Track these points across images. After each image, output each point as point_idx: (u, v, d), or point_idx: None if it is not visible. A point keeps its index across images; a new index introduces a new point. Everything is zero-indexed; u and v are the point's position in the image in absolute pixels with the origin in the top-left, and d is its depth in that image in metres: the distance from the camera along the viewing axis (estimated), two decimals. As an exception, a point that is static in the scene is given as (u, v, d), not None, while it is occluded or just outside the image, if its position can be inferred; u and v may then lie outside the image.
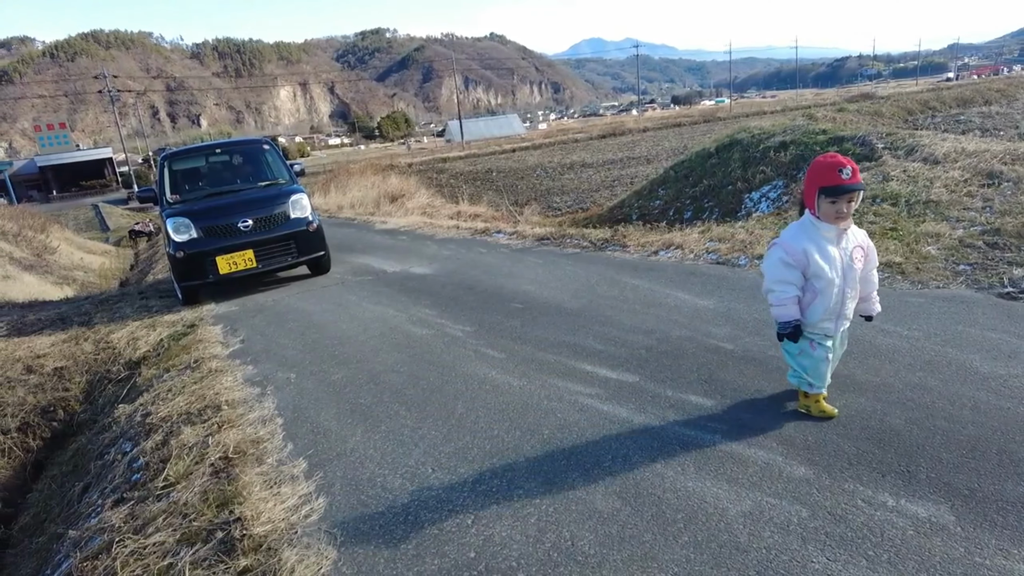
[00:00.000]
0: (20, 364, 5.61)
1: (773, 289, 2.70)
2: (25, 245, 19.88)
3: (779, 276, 2.67)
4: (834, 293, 2.63)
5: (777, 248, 2.70)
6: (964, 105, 25.26)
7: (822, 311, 2.67)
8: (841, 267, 2.62)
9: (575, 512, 2.37)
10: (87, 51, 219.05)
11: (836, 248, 2.63)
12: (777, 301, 2.69)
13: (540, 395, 3.42)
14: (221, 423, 3.54)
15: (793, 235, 2.68)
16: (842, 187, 2.50)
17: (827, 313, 2.67)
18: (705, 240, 6.37)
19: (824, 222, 2.60)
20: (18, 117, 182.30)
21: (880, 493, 2.25)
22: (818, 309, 2.67)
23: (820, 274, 2.61)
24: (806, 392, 2.83)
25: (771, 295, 2.72)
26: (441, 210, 15.29)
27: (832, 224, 2.59)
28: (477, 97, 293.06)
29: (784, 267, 2.65)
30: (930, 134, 9.36)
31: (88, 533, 2.87)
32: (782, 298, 2.67)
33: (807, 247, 2.61)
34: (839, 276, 2.62)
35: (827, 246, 2.62)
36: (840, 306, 2.67)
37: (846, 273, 2.63)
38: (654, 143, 39.38)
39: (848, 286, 2.65)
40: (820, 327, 2.71)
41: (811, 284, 2.65)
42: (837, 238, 2.62)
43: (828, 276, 2.60)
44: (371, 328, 5.11)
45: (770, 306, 2.75)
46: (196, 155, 8.37)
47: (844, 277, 2.63)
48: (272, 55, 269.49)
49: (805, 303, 2.69)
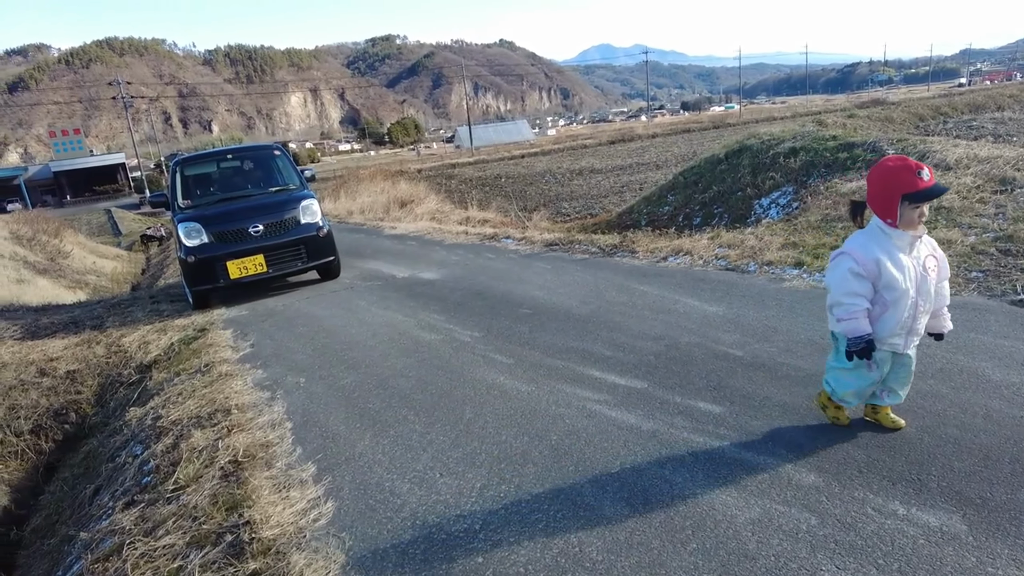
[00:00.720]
0: (34, 367, 5.67)
1: (842, 302, 2.49)
2: (39, 249, 20.12)
3: (848, 288, 2.47)
4: (907, 305, 2.46)
5: (845, 258, 2.50)
6: (977, 111, 25.10)
7: (893, 325, 2.49)
8: (915, 277, 2.44)
9: (583, 518, 2.37)
10: (102, 58, 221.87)
11: (908, 257, 2.45)
12: (847, 315, 2.49)
13: (548, 401, 3.42)
14: (231, 427, 3.56)
15: (862, 244, 2.49)
16: (930, 191, 2.35)
17: (898, 327, 2.49)
18: (714, 246, 6.35)
19: (898, 229, 2.41)
20: (34, 123, 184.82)
21: (891, 501, 2.23)
22: (888, 323, 2.49)
23: (893, 285, 2.43)
24: (829, 396, 2.73)
25: (839, 308, 2.51)
26: (450, 216, 15.33)
27: (908, 232, 2.42)
28: (487, 103, 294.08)
29: (854, 278, 2.46)
30: (942, 140, 9.31)
31: (99, 535, 2.90)
32: (852, 311, 2.47)
33: (879, 256, 2.42)
34: (913, 287, 2.44)
35: (899, 255, 2.44)
36: (912, 320, 2.49)
37: (920, 284, 2.45)
38: (663, 149, 39.34)
39: (922, 298, 2.47)
40: (889, 343, 2.53)
41: (881, 296, 2.48)
42: (910, 246, 2.45)
43: (902, 287, 2.43)
44: (380, 333, 5.13)
45: (837, 320, 2.54)
46: (208, 160, 8.45)
47: (918, 288, 2.45)
48: (283, 61, 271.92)
49: (874, 316, 2.51)
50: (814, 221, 6.93)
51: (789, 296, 4.67)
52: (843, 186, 8.08)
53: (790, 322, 4.11)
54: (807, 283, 4.91)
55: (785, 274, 5.22)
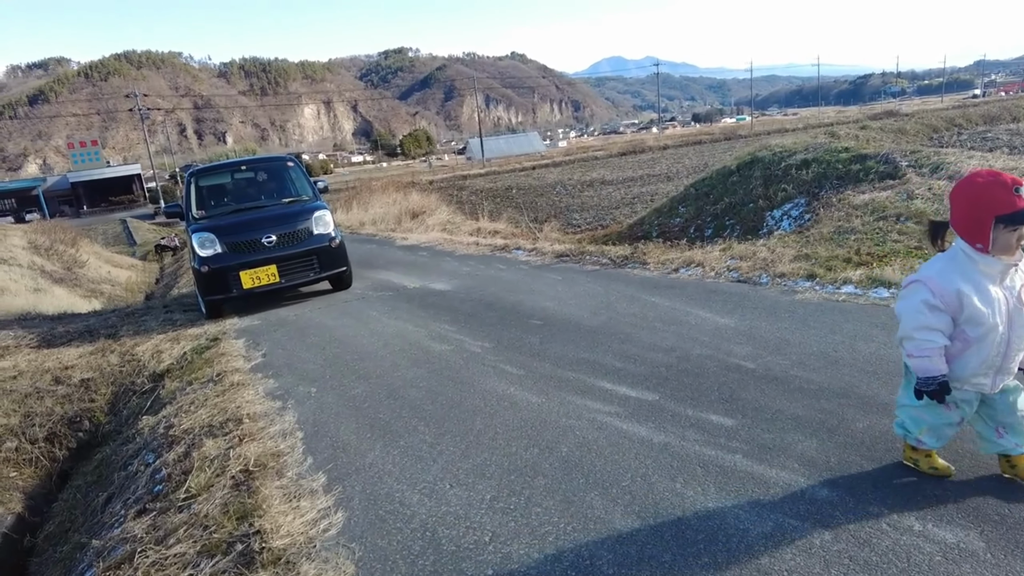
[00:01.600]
0: (49, 375, 5.74)
1: (913, 337, 2.21)
2: (56, 259, 20.39)
3: (922, 322, 2.18)
4: (995, 343, 2.15)
5: (920, 288, 2.21)
6: (991, 122, 24.92)
7: (976, 364, 2.19)
8: (1006, 311, 2.14)
9: (594, 531, 2.35)
10: (120, 71, 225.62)
11: (999, 288, 2.14)
12: (918, 351, 2.20)
13: (559, 412, 3.41)
14: (242, 436, 3.57)
15: (941, 272, 2.19)
16: None
17: (983, 367, 2.19)
18: (726, 258, 6.33)
19: (988, 256, 2.11)
20: (53, 135, 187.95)
21: (906, 517, 2.20)
22: (970, 361, 2.20)
23: (978, 319, 2.13)
24: (913, 446, 2.42)
25: (910, 344, 2.23)
26: (461, 227, 15.38)
27: (1001, 259, 2.11)
28: (498, 115, 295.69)
29: (929, 311, 2.17)
30: (956, 151, 9.25)
31: (111, 543, 2.91)
32: (925, 348, 2.19)
33: (961, 287, 2.13)
34: (1003, 322, 2.14)
35: (988, 285, 2.13)
36: (1002, 359, 2.18)
37: (1013, 318, 2.15)
38: (674, 161, 39.35)
39: (1016, 334, 2.16)
40: (972, 383, 2.23)
41: (962, 331, 2.18)
42: (1002, 275, 2.13)
43: (989, 322, 2.13)
44: (391, 343, 5.15)
45: (907, 356, 2.28)
46: (222, 172, 8.55)
47: (1010, 323, 2.15)
48: (297, 74, 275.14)
49: (953, 353, 2.21)
50: (827, 233, 6.89)
51: (802, 308, 4.64)
52: (855, 198, 8.04)
53: (803, 334, 4.08)
54: (819, 295, 4.88)
55: (797, 286, 5.19)
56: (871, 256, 5.56)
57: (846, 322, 4.20)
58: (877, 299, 4.58)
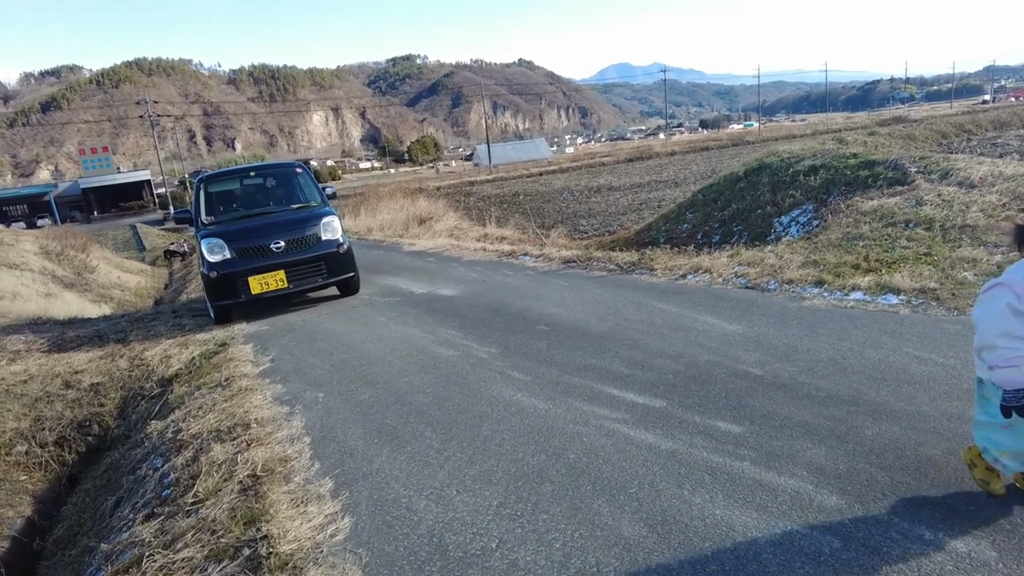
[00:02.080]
0: (59, 379, 5.78)
1: (996, 346, 2.04)
2: (67, 264, 20.56)
3: (1006, 328, 2.02)
4: None
5: (1004, 291, 2.05)
6: (1001, 128, 24.78)
7: None
8: None
9: (601, 538, 2.34)
10: (131, 78, 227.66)
11: None
12: (1003, 361, 2.03)
13: (566, 419, 3.40)
14: (250, 441, 3.59)
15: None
16: None
17: None
18: (734, 264, 6.31)
19: None
20: (64, 141, 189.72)
21: (917, 526, 2.18)
22: None
23: None
24: (989, 467, 2.27)
25: (992, 353, 2.06)
26: (468, 233, 15.41)
27: None
28: (505, 122, 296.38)
29: (1015, 316, 2.01)
30: (965, 157, 9.20)
31: (119, 547, 2.93)
32: (1011, 358, 2.01)
33: None
34: None
35: None
36: None
37: None
38: (682, 167, 39.30)
39: None
40: None
41: None
42: None
43: None
44: (398, 349, 5.15)
45: (989, 368, 2.09)
46: (231, 178, 8.60)
47: None
48: (305, 81, 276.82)
49: None
50: (835, 239, 6.85)
51: (810, 315, 4.62)
52: (864, 204, 8.00)
53: (811, 341, 4.06)
54: (828, 302, 4.86)
55: (806, 293, 5.16)
56: (880, 262, 5.53)
57: (855, 329, 4.17)
58: (886, 306, 4.56)
